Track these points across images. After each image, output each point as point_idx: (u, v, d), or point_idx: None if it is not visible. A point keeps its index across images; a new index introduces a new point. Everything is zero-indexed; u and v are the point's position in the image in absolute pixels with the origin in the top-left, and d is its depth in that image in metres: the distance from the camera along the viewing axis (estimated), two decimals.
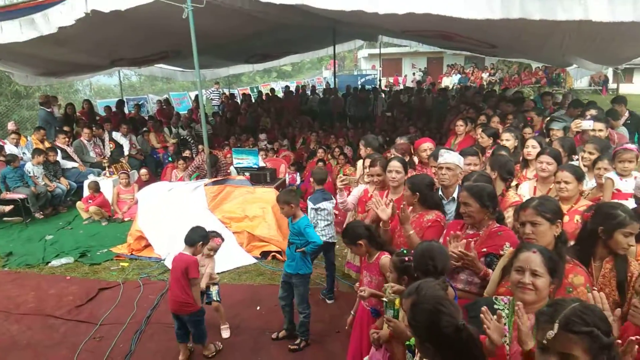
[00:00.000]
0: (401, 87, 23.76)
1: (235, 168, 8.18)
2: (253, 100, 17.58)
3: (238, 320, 5.07)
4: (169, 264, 6.36)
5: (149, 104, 20.28)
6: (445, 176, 3.96)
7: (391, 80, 29.83)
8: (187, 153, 9.87)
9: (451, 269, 3.03)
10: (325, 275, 5.60)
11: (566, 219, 3.43)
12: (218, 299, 4.72)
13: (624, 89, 24.06)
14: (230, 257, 6.39)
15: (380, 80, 23.65)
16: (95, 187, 8.54)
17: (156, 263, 6.57)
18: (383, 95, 16.98)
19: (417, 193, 3.63)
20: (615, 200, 3.22)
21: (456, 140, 7.31)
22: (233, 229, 6.85)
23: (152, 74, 17.22)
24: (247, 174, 7.81)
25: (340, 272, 6.15)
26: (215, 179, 7.61)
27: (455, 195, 3.87)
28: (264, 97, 17.08)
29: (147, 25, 8.15)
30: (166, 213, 7.03)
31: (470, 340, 1.83)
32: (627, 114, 7.40)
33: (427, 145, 5.13)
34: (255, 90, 23.43)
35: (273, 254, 6.55)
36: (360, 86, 18.60)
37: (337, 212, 5.55)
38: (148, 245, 6.95)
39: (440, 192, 4.05)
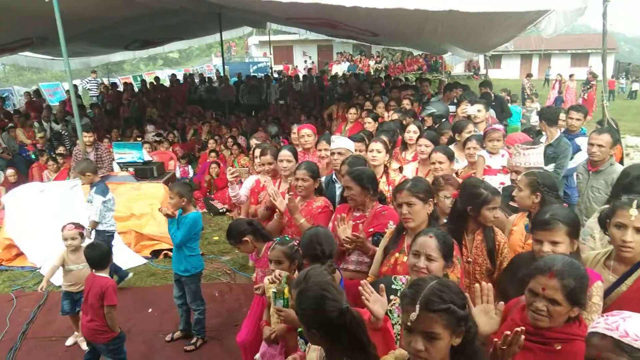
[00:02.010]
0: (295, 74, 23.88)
1: (118, 163, 7.62)
2: (136, 90, 16.53)
3: (129, 325, 4.78)
4: (46, 272, 5.82)
5: (15, 97, 18.18)
6: (337, 161, 4.06)
7: (282, 67, 29.85)
8: (61, 149, 9.01)
9: (341, 252, 3.10)
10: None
11: None
12: None
13: (493, 74, 26.45)
14: (117, 259, 5.98)
15: (271, 67, 23.52)
16: None
17: (31, 272, 5.99)
18: (276, 83, 16.92)
19: (318, 179, 3.70)
20: (477, 179, 3.48)
21: (347, 126, 7.51)
22: (119, 229, 6.37)
23: (16, 62, 15.38)
24: (131, 169, 7.32)
25: (237, 265, 6.07)
26: None
27: None
28: (148, 86, 16.13)
29: (4, 8, 7.22)
30: (39, 217, 6.37)
31: (354, 322, 1.86)
32: (492, 97, 8.14)
33: (305, 132, 5.18)
34: (138, 79, 22.05)
35: (165, 252, 6.26)
36: (252, 74, 18.35)
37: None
38: (20, 254, 6.29)
39: (334, 176, 4.14)
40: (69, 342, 4.51)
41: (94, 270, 3.66)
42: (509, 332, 1.69)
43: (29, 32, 9.47)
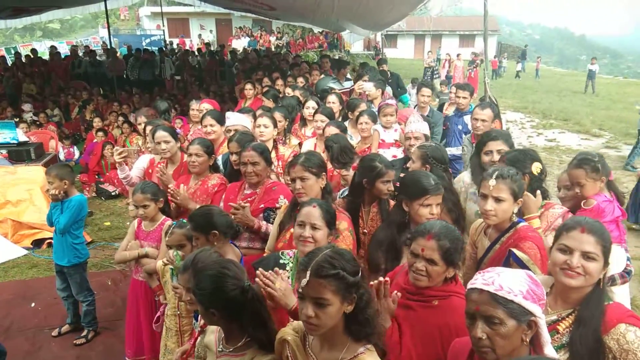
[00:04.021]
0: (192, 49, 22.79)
1: None
2: (9, 64, 14.77)
3: (8, 322, 4.44)
4: None
5: None
6: None
7: (178, 41, 28.35)
8: None
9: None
10: None
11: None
12: None
13: (390, 53, 27.43)
14: None
15: (165, 41, 22.21)
16: None
17: None
18: (171, 58, 16.00)
19: (213, 156, 3.59)
20: (374, 153, 3.60)
21: (246, 103, 7.37)
22: None
23: None
24: (3, 151, 6.58)
25: None
26: None
27: None
28: (23, 60, 14.47)
29: None
30: None
31: (256, 299, 1.85)
32: (389, 74, 8.47)
33: (204, 106, 5.05)
34: (12, 51, 19.72)
35: (48, 241, 5.76)
36: (144, 47, 17.20)
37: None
38: None
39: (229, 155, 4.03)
40: None
41: None
42: (372, 282, 1.79)
43: None
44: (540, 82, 24.47)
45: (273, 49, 22.17)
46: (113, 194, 7.46)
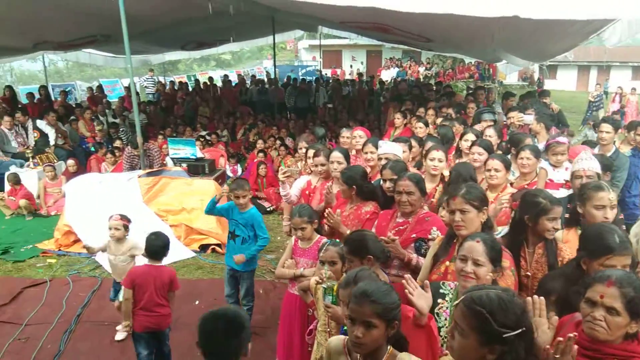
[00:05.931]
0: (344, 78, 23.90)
1: (172, 159, 7.89)
2: (190, 89, 17.04)
3: (176, 316, 4.88)
4: (101, 260, 6.07)
5: (77, 91, 19.14)
6: None
7: (330, 72, 29.93)
8: (118, 143, 9.38)
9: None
10: None
11: (493, 206, 3.59)
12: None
13: (549, 84, 25.51)
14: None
15: (321, 71, 23.64)
16: (15, 180, 7.93)
17: (87, 259, 6.24)
18: (325, 87, 17.00)
19: (354, 186, 3.65)
20: (537, 188, 3.38)
21: (395, 132, 7.48)
22: (170, 222, 6.64)
23: (78, 59, 16.15)
24: (184, 165, 7.56)
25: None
26: (149, 170, 7.31)
27: None
28: (202, 86, 16.60)
29: (74, 5, 7.64)
30: (97, 206, 6.66)
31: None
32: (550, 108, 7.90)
33: (357, 133, 5.20)
34: (192, 78, 22.75)
35: (213, 247, 6.42)
36: (300, 77, 18.54)
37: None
38: (78, 241, 6.57)
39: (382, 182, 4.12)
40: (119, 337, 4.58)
41: (149, 260, 3.78)
42: (561, 339, 1.65)
43: (95, 29, 9.96)
44: None
45: (421, 79, 22.18)
46: (268, 209, 8.09)
